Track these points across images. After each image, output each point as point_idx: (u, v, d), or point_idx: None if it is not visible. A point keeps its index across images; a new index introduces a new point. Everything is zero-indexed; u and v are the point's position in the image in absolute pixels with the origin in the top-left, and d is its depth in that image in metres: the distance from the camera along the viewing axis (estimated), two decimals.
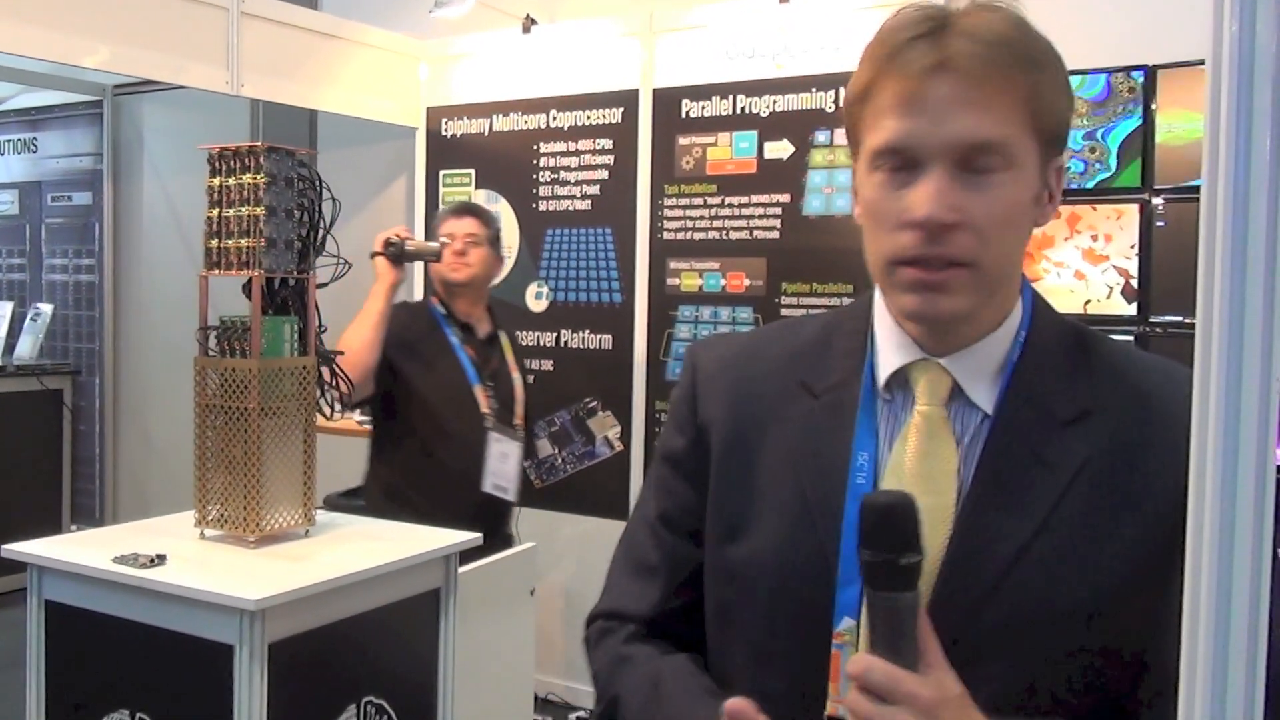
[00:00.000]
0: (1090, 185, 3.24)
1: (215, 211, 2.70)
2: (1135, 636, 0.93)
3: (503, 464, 3.34)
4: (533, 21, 4.59)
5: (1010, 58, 0.94)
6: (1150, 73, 3.19)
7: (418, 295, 4.92)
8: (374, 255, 3.36)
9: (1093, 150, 3.24)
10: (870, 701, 0.85)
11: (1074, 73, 3.25)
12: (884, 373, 1.04)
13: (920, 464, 1.00)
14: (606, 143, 4.42)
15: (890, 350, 1.05)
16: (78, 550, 2.56)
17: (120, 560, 2.42)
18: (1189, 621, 0.60)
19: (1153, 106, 3.18)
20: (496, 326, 3.50)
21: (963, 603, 0.95)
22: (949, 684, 0.87)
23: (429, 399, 3.34)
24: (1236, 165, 0.55)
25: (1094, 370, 1.02)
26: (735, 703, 0.92)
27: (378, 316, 3.28)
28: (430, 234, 3.73)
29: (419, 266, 4.66)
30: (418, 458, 3.37)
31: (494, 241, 3.47)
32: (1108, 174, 3.22)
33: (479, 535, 2.85)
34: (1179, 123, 3.14)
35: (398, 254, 3.36)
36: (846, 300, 3.87)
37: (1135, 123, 3.17)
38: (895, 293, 1.01)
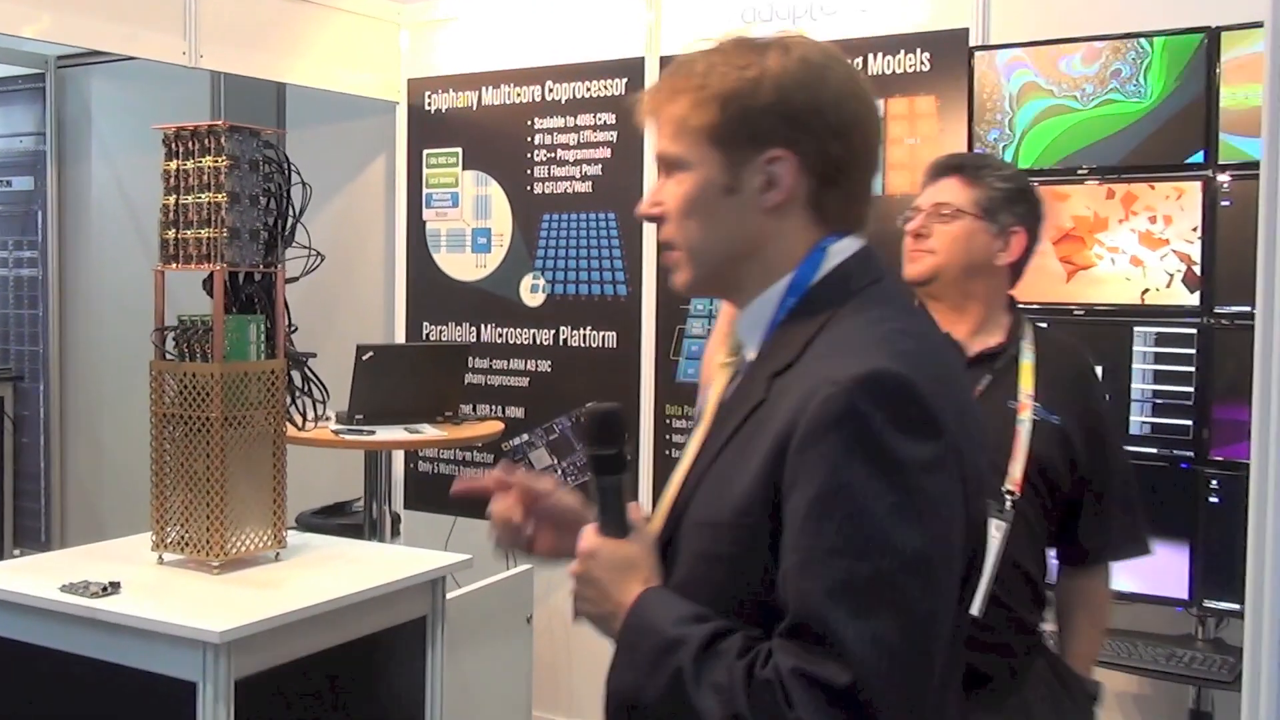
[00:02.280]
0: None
1: (172, 199, 2.73)
2: (755, 548, 1.27)
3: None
4: None
5: (665, 92, 1.39)
6: (1215, 35, 3.19)
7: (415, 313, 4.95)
8: None
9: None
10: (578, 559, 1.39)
11: (1131, 35, 3.26)
12: None
13: (710, 404, 1.45)
14: (609, 117, 4.44)
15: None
16: (21, 578, 2.59)
17: (69, 589, 2.44)
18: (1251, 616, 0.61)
19: (1217, 71, 3.19)
20: (1014, 336, 2.44)
21: (673, 513, 1.39)
22: (634, 550, 1.36)
23: None
24: None
25: (822, 335, 1.32)
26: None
27: None
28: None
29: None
30: None
31: (992, 210, 2.40)
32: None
33: (469, 556, 2.87)
34: (1248, 90, 3.14)
35: None
36: None
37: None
38: None
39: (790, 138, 1.34)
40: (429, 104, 4.87)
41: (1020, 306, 2.46)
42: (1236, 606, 3.07)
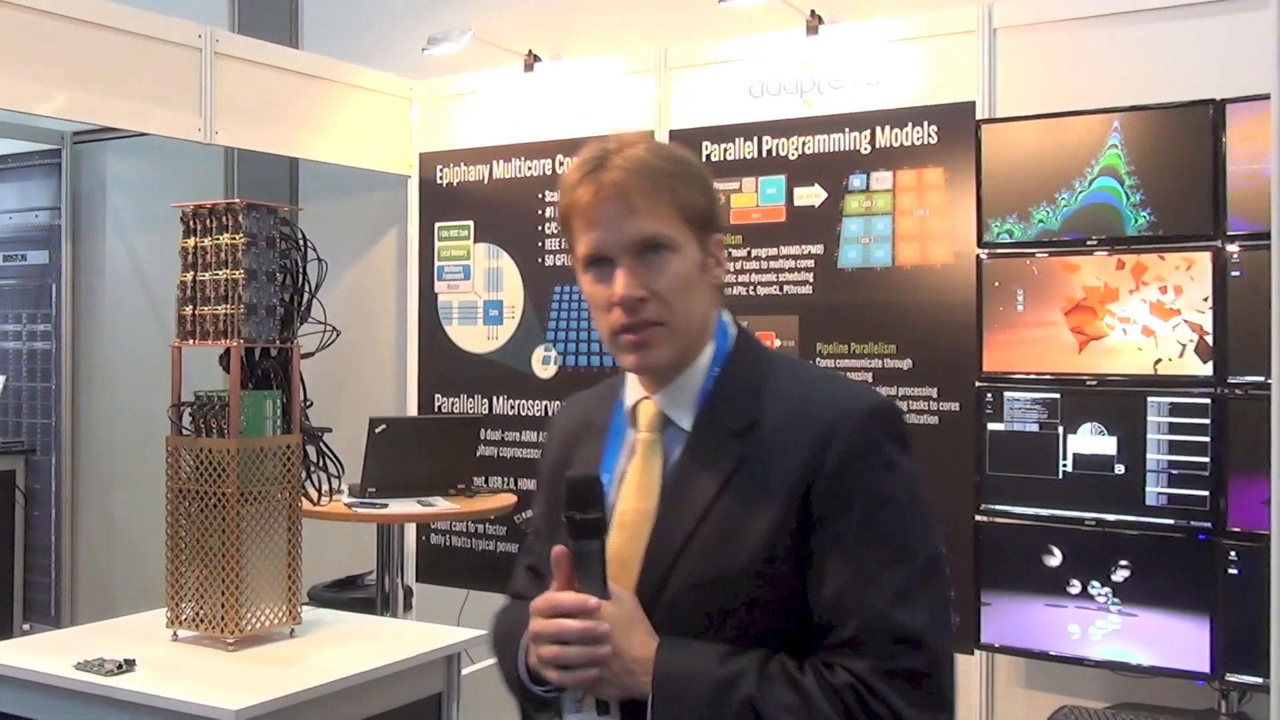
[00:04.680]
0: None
1: (190, 275, 2.76)
2: (780, 585, 1.39)
3: None
4: (536, 58, 4.68)
5: (651, 175, 1.46)
6: (1219, 107, 3.23)
7: (412, 306, 4.98)
8: None
9: None
10: (550, 621, 1.40)
11: (1137, 109, 3.30)
12: (626, 410, 1.57)
13: (637, 476, 1.51)
14: None
15: (629, 394, 1.57)
16: (33, 655, 2.58)
17: (83, 666, 2.44)
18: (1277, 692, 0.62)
19: (1223, 141, 3.22)
20: None
21: (651, 582, 1.44)
22: (630, 607, 1.41)
23: None
24: None
25: (768, 390, 1.48)
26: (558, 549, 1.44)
27: None
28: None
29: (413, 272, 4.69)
30: None
31: None
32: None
33: (484, 632, 2.85)
34: (1255, 161, 3.18)
35: None
36: (889, 361, 3.90)
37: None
38: (620, 355, 1.50)
39: (721, 223, 1.55)
40: (441, 178, 4.92)
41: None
42: (1260, 680, 3.04)
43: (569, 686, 1.43)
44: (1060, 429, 3.41)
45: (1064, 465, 3.40)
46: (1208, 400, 3.21)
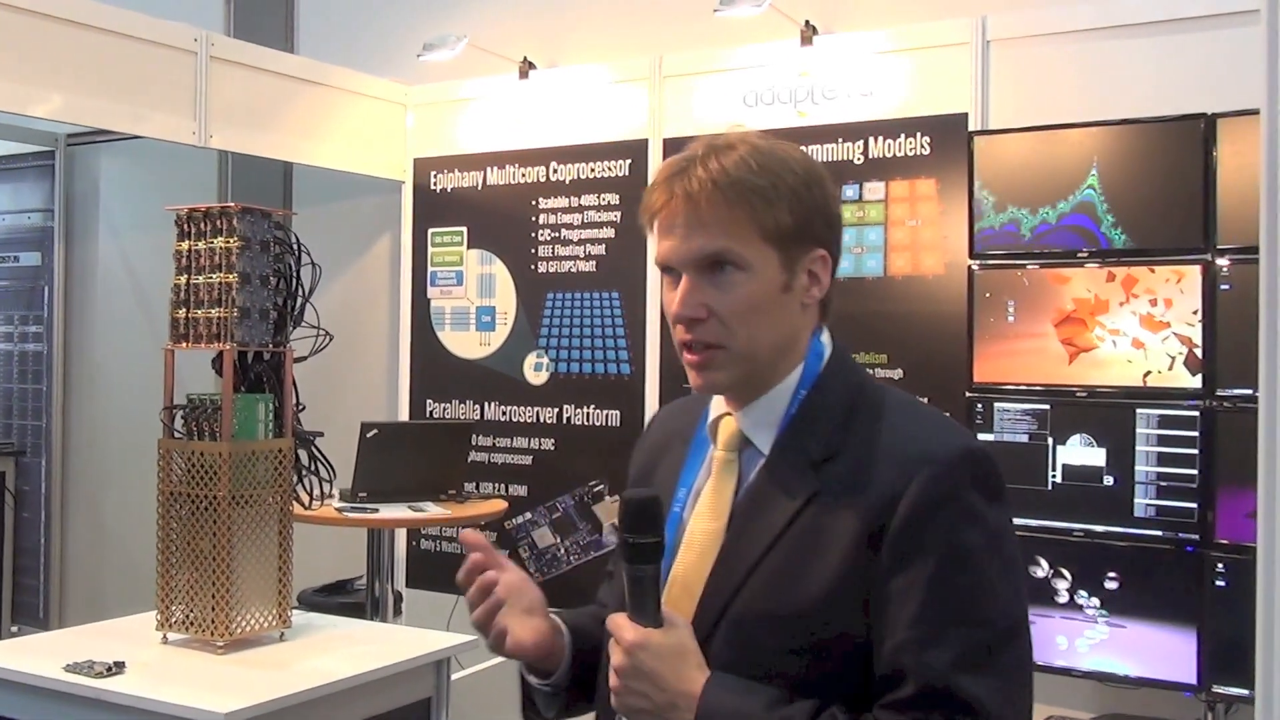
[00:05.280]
0: None
1: (183, 278, 2.76)
2: (843, 632, 1.31)
3: None
4: (531, 65, 4.69)
5: (730, 188, 1.37)
6: (1210, 121, 3.25)
7: (404, 309, 4.98)
8: None
9: None
10: (621, 652, 1.32)
11: (1128, 122, 3.32)
12: (707, 425, 1.50)
13: (710, 496, 1.44)
14: (612, 198, 4.49)
15: (714, 408, 1.50)
16: (22, 657, 2.58)
17: (73, 669, 2.44)
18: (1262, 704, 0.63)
19: (1213, 155, 3.24)
20: None
21: (711, 609, 1.37)
22: (683, 637, 1.33)
23: None
24: None
25: (856, 421, 1.39)
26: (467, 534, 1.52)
27: None
28: None
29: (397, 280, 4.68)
30: None
31: None
32: None
33: (474, 638, 2.85)
34: (1245, 175, 3.19)
35: None
36: (880, 370, 3.91)
37: None
38: (687, 371, 1.44)
39: (826, 238, 1.44)
40: (434, 183, 4.93)
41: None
42: (1246, 692, 3.05)
43: (618, 711, 1.38)
44: (1050, 440, 3.42)
45: (1053, 476, 3.41)
46: (1196, 413, 3.23)
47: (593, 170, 4.55)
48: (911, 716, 1.27)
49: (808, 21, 4.08)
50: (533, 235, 4.68)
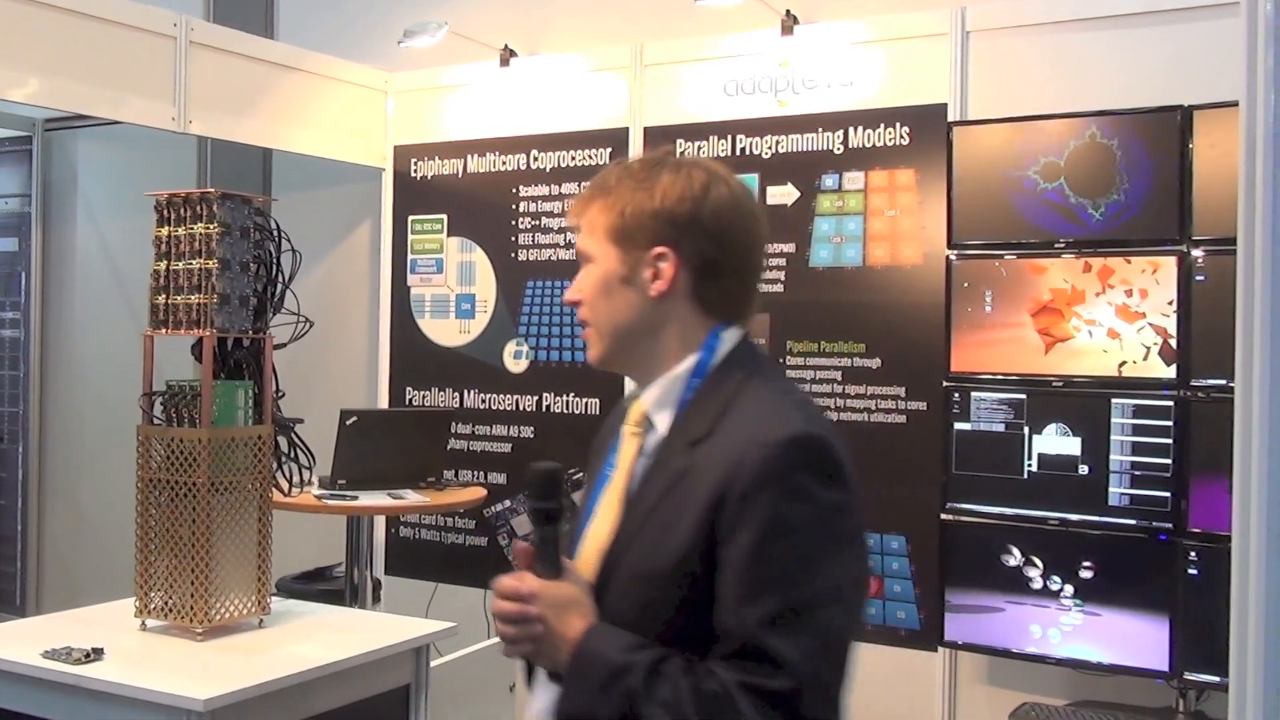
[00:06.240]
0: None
1: (163, 264, 2.74)
2: (693, 592, 1.48)
3: None
4: (512, 53, 4.68)
5: (583, 200, 1.66)
6: (1187, 113, 3.27)
7: (384, 307, 4.97)
8: None
9: None
10: (515, 601, 1.53)
11: (1106, 113, 3.33)
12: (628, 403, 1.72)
13: (618, 468, 1.64)
14: None
15: (633, 389, 1.72)
16: (1, 643, 2.56)
17: (51, 655, 2.43)
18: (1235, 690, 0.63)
19: (1190, 147, 3.26)
20: None
21: (605, 568, 1.56)
22: (573, 589, 1.54)
23: None
24: (1275, 211, 0.58)
25: (731, 408, 1.56)
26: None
27: None
28: None
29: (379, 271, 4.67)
30: None
31: None
32: None
33: (453, 625, 2.86)
34: (1221, 167, 3.21)
35: None
36: (858, 360, 3.93)
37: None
38: None
39: (673, 239, 1.60)
40: (415, 171, 4.92)
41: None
42: (1218, 679, 3.08)
43: (510, 657, 1.58)
44: (1026, 429, 3.44)
45: (1029, 465, 3.44)
46: (1171, 403, 3.25)
47: (573, 158, 4.54)
48: (729, 668, 1.43)
49: (788, 11, 4.08)
50: (513, 223, 4.67)
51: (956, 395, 3.55)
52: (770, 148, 4.13)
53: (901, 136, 3.91)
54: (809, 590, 1.43)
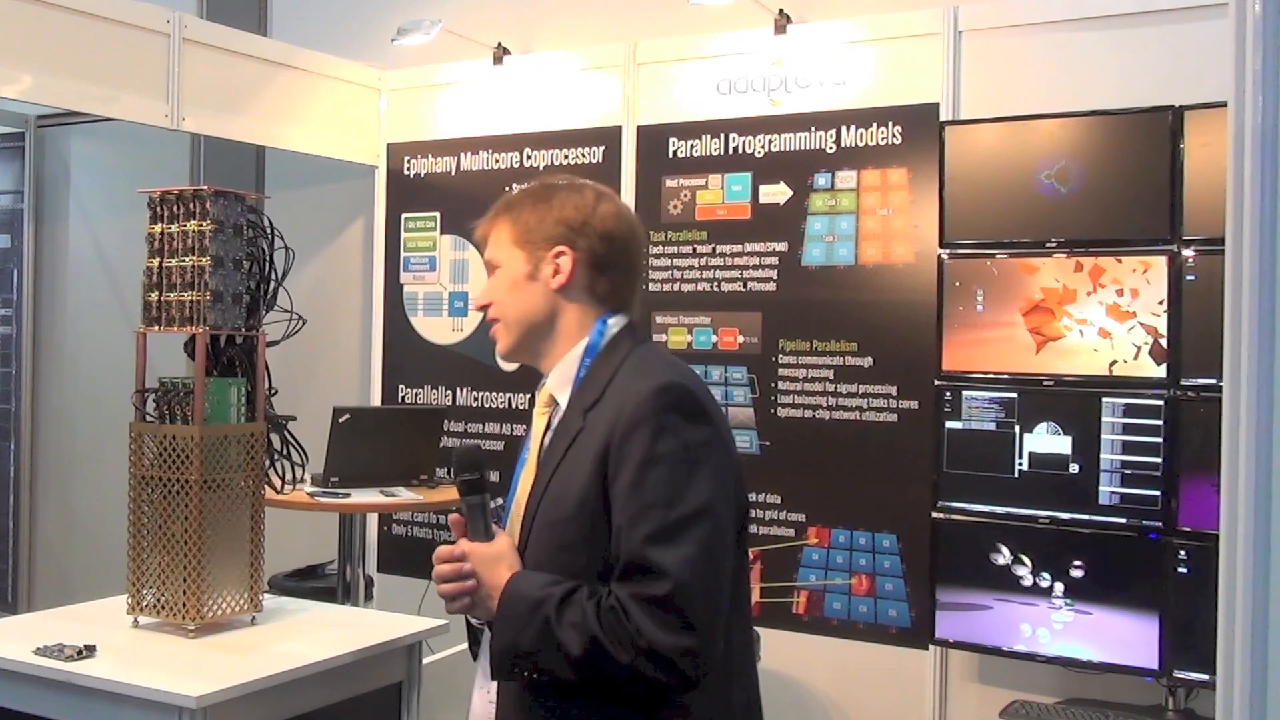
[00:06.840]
0: None
1: (155, 261, 2.74)
2: (594, 531, 1.74)
3: None
4: (505, 51, 4.67)
5: (489, 219, 1.99)
6: (1178, 113, 3.28)
7: (377, 305, 4.96)
8: None
9: None
10: (436, 567, 1.84)
11: (1097, 113, 3.34)
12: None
13: (533, 441, 1.92)
14: None
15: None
16: None
17: (43, 652, 2.43)
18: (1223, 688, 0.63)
19: (1181, 147, 3.27)
20: None
21: (525, 525, 1.84)
22: (501, 548, 1.82)
23: None
24: (1263, 212, 0.58)
25: (617, 377, 1.83)
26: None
27: None
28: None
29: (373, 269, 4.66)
30: None
31: None
32: None
33: (445, 622, 2.86)
34: (1213, 167, 3.22)
35: None
36: (850, 359, 3.94)
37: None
38: None
39: (570, 240, 1.90)
40: (408, 168, 4.91)
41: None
42: (1206, 677, 3.09)
43: (451, 613, 1.88)
44: (1017, 428, 3.45)
45: (1020, 464, 3.44)
46: (1161, 402, 3.26)
47: (566, 157, 4.54)
48: (622, 585, 1.69)
49: (781, 10, 4.09)
50: None
51: (948, 394, 3.56)
52: (763, 146, 4.13)
53: (894, 136, 3.92)
54: (683, 509, 1.68)
